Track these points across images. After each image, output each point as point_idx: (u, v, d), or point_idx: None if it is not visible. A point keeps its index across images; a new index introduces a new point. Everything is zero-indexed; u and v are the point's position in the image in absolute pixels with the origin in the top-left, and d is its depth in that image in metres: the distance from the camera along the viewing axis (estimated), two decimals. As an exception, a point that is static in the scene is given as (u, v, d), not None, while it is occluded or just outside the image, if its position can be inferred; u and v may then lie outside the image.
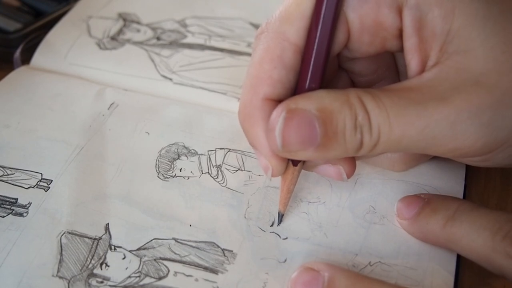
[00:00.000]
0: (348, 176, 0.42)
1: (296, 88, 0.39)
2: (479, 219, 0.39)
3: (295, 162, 0.41)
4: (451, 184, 0.45)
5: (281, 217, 0.44)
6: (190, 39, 0.60)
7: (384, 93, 0.37)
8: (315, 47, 0.38)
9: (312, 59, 0.38)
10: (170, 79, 0.56)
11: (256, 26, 0.61)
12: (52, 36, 0.60)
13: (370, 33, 0.39)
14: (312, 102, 0.37)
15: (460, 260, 0.41)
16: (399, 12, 0.38)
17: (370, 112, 0.36)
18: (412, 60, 0.39)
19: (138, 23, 0.62)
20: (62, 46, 0.59)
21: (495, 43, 0.36)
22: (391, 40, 0.40)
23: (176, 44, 0.60)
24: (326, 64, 0.39)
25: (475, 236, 0.38)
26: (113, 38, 0.60)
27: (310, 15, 0.38)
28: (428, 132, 0.36)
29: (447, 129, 0.36)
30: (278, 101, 0.39)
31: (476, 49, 0.36)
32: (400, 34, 0.39)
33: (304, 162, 0.42)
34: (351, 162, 0.42)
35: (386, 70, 0.45)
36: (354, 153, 0.37)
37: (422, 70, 0.39)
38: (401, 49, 0.40)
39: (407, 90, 0.37)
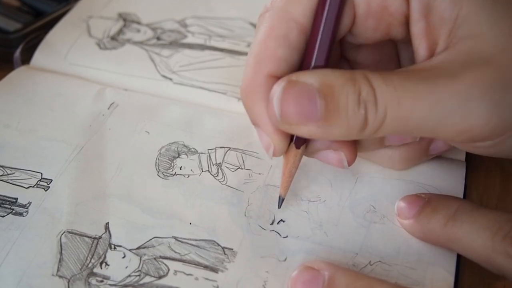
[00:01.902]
0: (349, 163, 0.41)
1: (301, 67, 0.39)
2: (480, 219, 0.38)
3: (298, 144, 0.41)
4: (452, 183, 0.45)
5: (281, 201, 0.43)
6: (190, 39, 0.60)
7: (392, 72, 0.36)
8: (322, 27, 0.38)
9: (319, 39, 0.38)
10: (170, 79, 0.56)
11: (256, 26, 0.61)
12: (52, 36, 0.60)
13: (375, 18, 0.39)
14: (315, 77, 0.36)
15: (460, 260, 0.41)
16: None
17: (376, 88, 0.35)
18: (420, 46, 0.39)
19: (138, 23, 0.63)
20: (62, 46, 0.59)
21: (504, 28, 0.36)
22: (396, 27, 0.40)
23: (176, 44, 0.60)
24: (332, 45, 0.39)
25: (475, 236, 0.38)
26: (113, 38, 0.60)
27: None
28: (439, 109, 0.35)
29: (458, 106, 0.35)
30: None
31: (486, 33, 0.36)
32: (405, 21, 0.39)
33: (306, 145, 0.41)
34: (353, 148, 0.41)
35: (388, 61, 0.45)
36: (359, 131, 0.36)
37: (430, 56, 0.38)
38: (405, 38, 0.40)
39: (417, 70, 0.37)
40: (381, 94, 0.35)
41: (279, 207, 0.44)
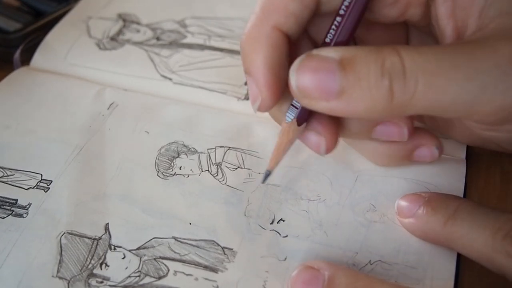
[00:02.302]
0: (327, 151, 0.40)
1: (323, 42, 0.38)
2: (480, 218, 0.38)
3: (300, 122, 0.40)
4: (452, 182, 0.45)
5: (267, 175, 0.41)
6: (189, 39, 0.60)
7: (425, 46, 0.35)
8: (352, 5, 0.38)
9: (347, 15, 0.38)
10: (170, 79, 0.56)
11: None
12: (52, 36, 0.60)
13: None
14: (337, 51, 0.35)
15: (460, 260, 0.41)
16: None
17: (405, 57, 0.34)
18: (447, 26, 0.38)
19: (138, 23, 0.62)
20: (62, 46, 0.59)
21: None
22: (415, 6, 0.39)
23: (175, 44, 0.60)
24: (358, 23, 0.38)
25: (476, 235, 0.38)
26: (112, 39, 0.60)
27: None
28: (478, 80, 0.34)
29: (499, 79, 0.34)
30: (287, 36, 0.39)
31: None
32: (425, 2, 0.39)
33: (308, 123, 0.40)
34: (335, 135, 0.40)
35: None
36: (385, 106, 0.34)
37: (457, 37, 0.38)
38: (420, 21, 0.40)
39: (450, 45, 0.36)
40: (412, 63, 0.34)
41: (263, 182, 0.42)
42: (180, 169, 0.47)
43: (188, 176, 0.47)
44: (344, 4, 0.38)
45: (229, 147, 0.49)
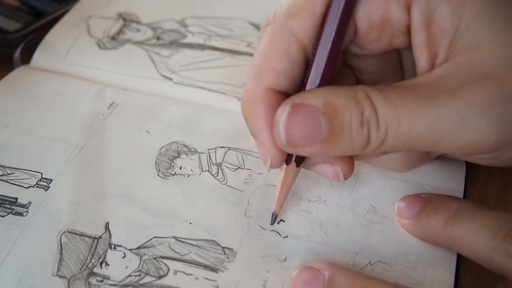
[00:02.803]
0: (345, 178, 0.42)
1: (304, 85, 0.40)
2: (480, 219, 0.38)
3: (298, 163, 0.41)
4: (452, 183, 0.45)
5: (275, 217, 0.43)
6: (190, 39, 0.60)
7: (392, 89, 0.37)
8: (327, 46, 0.38)
9: (322, 58, 0.39)
10: (170, 79, 0.56)
11: (256, 26, 0.61)
12: (52, 36, 0.60)
13: (377, 30, 0.40)
14: (318, 97, 0.37)
15: (460, 260, 0.41)
16: (407, 8, 0.38)
17: (377, 107, 0.36)
18: (420, 56, 0.39)
19: (138, 23, 0.62)
20: (62, 46, 0.59)
21: (504, 39, 0.36)
22: (399, 37, 0.40)
23: (176, 44, 0.60)
24: (335, 63, 0.39)
25: (476, 236, 0.38)
26: (113, 38, 0.60)
27: (320, 13, 0.39)
28: (438, 127, 0.36)
29: (458, 124, 0.36)
30: (281, 92, 0.39)
31: (486, 45, 0.36)
32: (407, 31, 0.39)
33: (300, 167, 0.42)
34: (349, 163, 0.41)
35: (392, 68, 0.45)
36: (362, 149, 0.37)
37: (431, 66, 0.38)
38: (409, 46, 0.40)
39: (416, 86, 0.37)
40: (382, 113, 0.36)
41: (272, 223, 0.44)
42: (180, 169, 0.47)
43: (188, 176, 0.47)
44: (316, 50, 0.39)
45: (230, 148, 0.49)
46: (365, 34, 0.40)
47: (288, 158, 0.41)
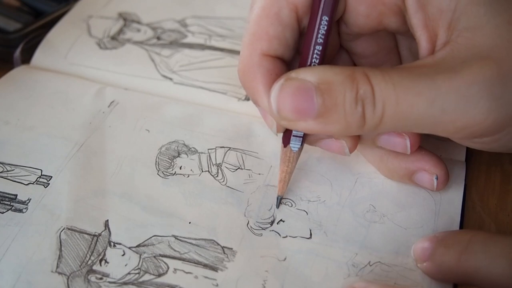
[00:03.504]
0: (351, 151, 0.42)
1: (300, 53, 0.40)
2: (493, 248, 0.37)
3: (285, 142, 0.42)
4: (452, 183, 0.45)
5: (280, 200, 0.44)
6: (190, 39, 0.60)
7: (393, 69, 0.37)
8: (319, 18, 0.39)
9: (314, 35, 0.39)
10: (171, 79, 0.56)
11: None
12: (52, 36, 0.60)
13: (366, 5, 0.40)
14: (314, 74, 0.37)
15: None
16: None
17: (374, 86, 0.36)
18: (421, 37, 0.39)
19: (139, 22, 0.63)
20: (62, 46, 0.59)
21: (501, 21, 0.37)
22: (389, 16, 0.40)
23: (176, 44, 0.60)
24: (328, 41, 0.39)
25: (492, 266, 0.36)
26: (113, 38, 0.60)
27: None
28: (438, 105, 0.36)
29: (458, 102, 0.36)
30: (278, 58, 0.40)
31: (484, 26, 0.37)
32: (399, 11, 0.40)
33: (303, 142, 0.42)
34: (354, 137, 0.42)
35: (388, 53, 0.45)
36: (357, 128, 0.37)
37: (433, 47, 0.39)
38: (401, 29, 0.41)
39: (418, 67, 0.37)
40: (379, 92, 0.36)
41: (278, 206, 0.44)
42: (180, 168, 0.47)
43: (188, 176, 0.47)
44: (311, 22, 0.40)
45: (230, 148, 0.49)
46: (354, 8, 0.40)
47: (285, 140, 0.42)
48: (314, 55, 0.39)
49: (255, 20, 0.40)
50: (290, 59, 0.42)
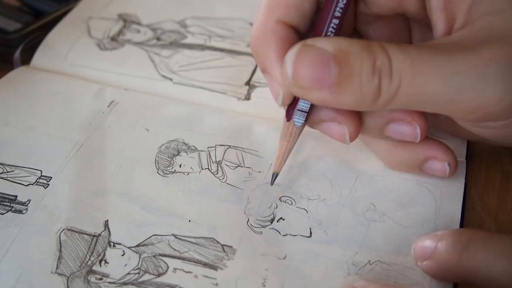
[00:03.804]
0: (351, 139, 0.41)
1: (316, 24, 0.40)
2: (494, 247, 0.37)
3: (289, 116, 0.41)
4: (452, 182, 0.45)
5: (275, 177, 0.44)
6: (190, 40, 0.60)
7: (410, 45, 0.37)
8: None
9: (332, 8, 0.39)
10: (170, 79, 0.56)
11: (256, 26, 0.62)
12: (52, 36, 0.60)
13: None
14: (331, 43, 0.36)
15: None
16: None
17: (392, 57, 0.35)
18: (438, 20, 0.39)
19: (138, 23, 0.63)
20: (62, 46, 0.59)
21: None
22: None
23: (176, 45, 0.60)
24: (345, 16, 0.39)
25: (492, 265, 0.36)
26: (113, 39, 0.61)
27: None
28: (454, 81, 0.35)
29: (474, 80, 0.35)
30: (292, 28, 0.40)
31: (506, 10, 0.36)
32: None
33: (307, 121, 0.41)
34: (357, 123, 0.41)
35: (400, 39, 0.45)
36: (372, 101, 0.37)
37: (449, 31, 0.38)
38: (418, 15, 0.41)
39: (435, 44, 0.37)
40: (397, 64, 0.35)
41: (272, 184, 0.44)
42: (180, 166, 0.47)
43: (188, 174, 0.47)
44: None
45: (229, 146, 0.49)
46: None
47: (288, 114, 0.41)
48: (330, 29, 0.39)
49: None
50: (305, 31, 0.42)
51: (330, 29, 0.39)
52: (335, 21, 0.39)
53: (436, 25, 0.39)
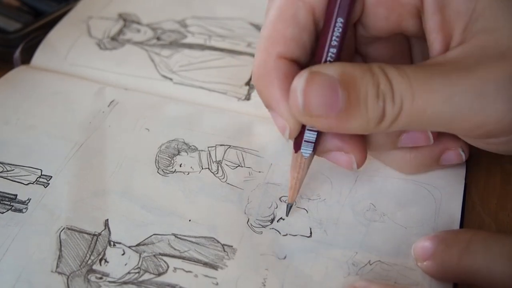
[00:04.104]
0: (358, 166, 0.41)
1: (316, 54, 0.40)
2: (494, 247, 0.37)
3: (296, 148, 0.41)
4: (452, 183, 0.45)
5: (290, 208, 0.44)
6: (190, 39, 0.60)
7: (407, 66, 0.37)
8: (334, 19, 0.38)
9: (329, 37, 0.39)
10: (170, 79, 0.56)
11: (256, 26, 0.61)
12: (52, 36, 0.60)
13: (386, 7, 0.39)
14: (335, 68, 0.36)
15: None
16: None
17: (392, 80, 0.36)
18: (435, 40, 0.39)
19: (138, 23, 0.63)
20: (62, 46, 0.59)
21: None
22: (408, 19, 0.40)
23: (176, 44, 0.60)
24: (343, 43, 0.39)
25: (492, 265, 0.36)
26: (113, 39, 0.60)
27: None
28: (453, 102, 0.35)
29: (473, 100, 0.35)
30: (293, 61, 0.39)
31: (502, 28, 0.36)
32: (417, 14, 0.39)
33: (315, 150, 0.42)
34: (363, 151, 0.41)
35: (401, 57, 0.45)
36: (376, 125, 0.37)
37: (445, 49, 0.38)
38: (418, 32, 0.40)
39: (431, 64, 0.37)
40: (397, 86, 0.36)
41: (287, 215, 0.44)
42: (180, 166, 0.47)
43: (188, 174, 0.47)
44: (326, 24, 0.39)
45: (230, 146, 0.49)
46: (373, 10, 0.40)
47: (296, 145, 0.41)
48: (328, 58, 0.39)
49: (272, 22, 0.39)
50: (306, 63, 0.41)
51: (328, 58, 0.39)
52: (332, 50, 0.39)
53: (432, 45, 0.39)
